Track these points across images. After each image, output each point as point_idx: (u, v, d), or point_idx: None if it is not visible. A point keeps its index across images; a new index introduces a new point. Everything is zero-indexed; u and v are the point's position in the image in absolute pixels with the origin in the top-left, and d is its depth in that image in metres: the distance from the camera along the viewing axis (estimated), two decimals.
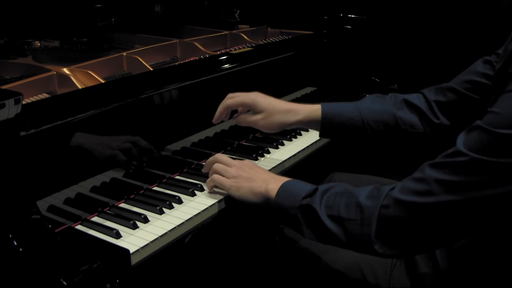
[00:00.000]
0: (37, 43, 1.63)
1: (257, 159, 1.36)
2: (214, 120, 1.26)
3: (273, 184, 1.04)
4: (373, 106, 1.26)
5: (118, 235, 0.97)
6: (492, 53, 1.15)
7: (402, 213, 0.85)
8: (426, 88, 1.29)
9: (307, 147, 1.47)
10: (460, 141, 0.81)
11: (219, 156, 1.18)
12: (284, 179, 1.06)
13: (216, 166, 1.14)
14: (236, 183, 1.09)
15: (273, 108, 1.22)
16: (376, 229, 0.87)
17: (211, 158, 1.19)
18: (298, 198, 0.99)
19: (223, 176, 1.12)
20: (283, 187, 1.03)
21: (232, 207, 1.15)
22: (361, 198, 0.91)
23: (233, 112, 1.29)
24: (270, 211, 1.05)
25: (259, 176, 1.09)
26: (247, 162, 1.17)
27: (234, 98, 1.24)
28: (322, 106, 1.25)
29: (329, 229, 0.93)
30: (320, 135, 1.30)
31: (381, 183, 0.94)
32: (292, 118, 1.23)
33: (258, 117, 1.22)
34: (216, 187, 1.15)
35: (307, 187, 1.01)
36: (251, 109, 1.25)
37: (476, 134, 0.79)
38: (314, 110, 1.24)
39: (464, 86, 1.19)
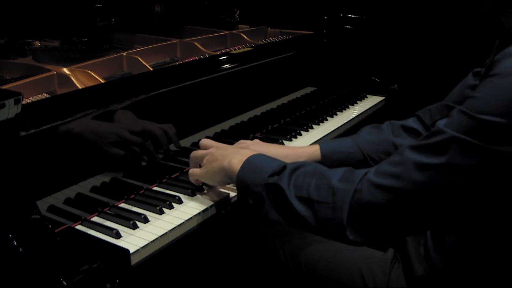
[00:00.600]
0: (37, 43, 1.63)
1: None
2: None
3: (237, 159, 1.01)
4: (370, 137, 1.26)
5: (118, 235, 0.97)
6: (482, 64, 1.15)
7: (376, 197, 0.82)
8: (421, 110, 1.29)
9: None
10: (441, 123, 0.80)
11: (195, 152, 1.17)
12: (250, 153, 1.03)
13: (192, 163, 1.16)
14: (204, 169, 1.10)
15: (273, 156, 1.21)
16: (348, 214, 0.84)
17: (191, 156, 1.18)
18: (264, 175, 0.95)
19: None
20: (248, 162, 0.99)
21: (229, 208, 1.16)
22: (333, 180, 0.87)
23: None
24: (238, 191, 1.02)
25: (223, 153, 1.07)
26: (220, 145, 1.16)
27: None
28: (320, 146, 1.25)
29: (297, 211, 0.89)
30: None
31: None
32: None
33: None
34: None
35: (273, 163, 0.97)
36: None
37: (455, 116, 0.78)
38: (314, 151, 1.24)
39: (457, 101, 1.19)
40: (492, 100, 0.74)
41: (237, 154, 1.03)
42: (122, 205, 1.12)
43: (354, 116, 1.77)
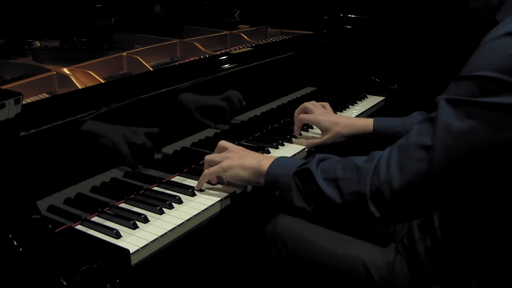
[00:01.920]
0: (37, 43, 1.63)
1: None
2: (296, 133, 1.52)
3: (266, 160, 1.12)
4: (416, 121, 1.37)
5: (118, 235, 0.98)
6: None
7: (389, 169, 0.90)
8: None
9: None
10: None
11: (212, 156, 1.21)
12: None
13: (208, 156, 1.20)
14: (227, 163, 1.15)
15: (335, 125, 1.45)
16: (370, 186, 0.93)
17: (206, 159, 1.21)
18: (292, 168, 1.06)
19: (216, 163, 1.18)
20: (277, 160, 1.12)
21: (229, 209, 1.15)
22: (359, 161, 0.98)
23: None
24: (260, 186, 1.12)
25: (251, 155, 1.17)
26: (239, 147, 1.23)
27: (305, 116, 1.49)
28: (374, 120, 1.46)
29: (323, 191, 0.99)
30: (371, 143, 1.45)
31: None
32: (351, 131, 1.45)
33: (325, 138, 1.45)
34: (211, 183, 1.19)
35: (301, 160, 1.09)
36: (316, 126, 1.51)
37: (452, 84, 0.85)
38: (368, 124, 1.45)
39: None
40: (482, 59, 0.82)
41: (266, 157, 1.15)
42: (122, 205, 1.12)
43: (354, 116, 1.77)
